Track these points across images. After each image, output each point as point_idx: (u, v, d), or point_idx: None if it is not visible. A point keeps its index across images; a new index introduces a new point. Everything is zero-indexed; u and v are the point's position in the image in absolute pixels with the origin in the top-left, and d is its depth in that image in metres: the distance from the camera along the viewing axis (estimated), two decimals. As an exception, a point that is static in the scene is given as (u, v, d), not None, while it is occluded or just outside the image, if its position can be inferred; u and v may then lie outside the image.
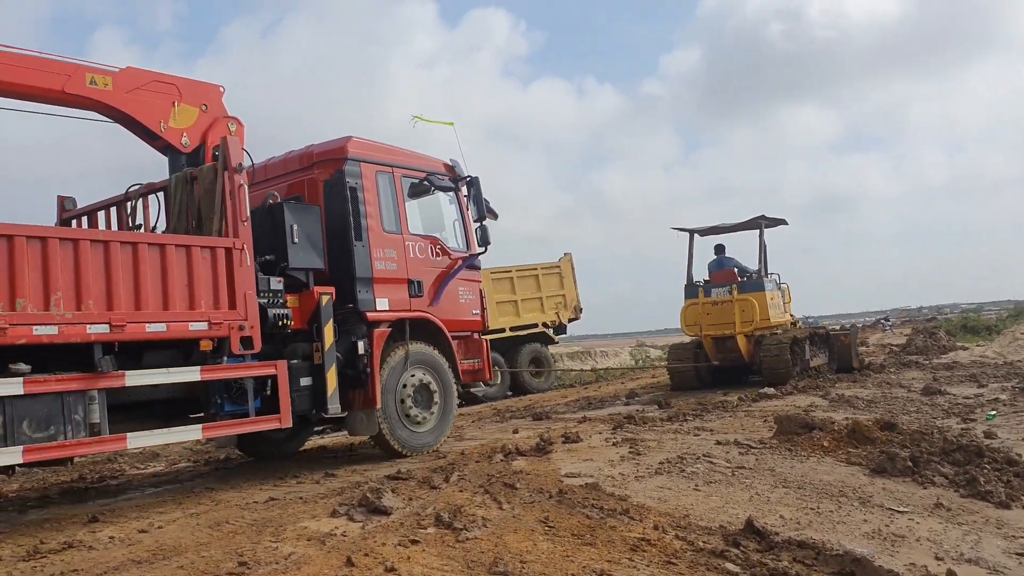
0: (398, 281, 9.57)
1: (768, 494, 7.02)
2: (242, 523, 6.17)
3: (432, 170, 10.33)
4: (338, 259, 9.12)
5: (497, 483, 6.99)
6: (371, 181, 9.50)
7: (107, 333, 6.84)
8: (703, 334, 17.13)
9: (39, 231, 6.64)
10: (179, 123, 8.58)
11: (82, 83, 7.84)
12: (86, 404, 6.70)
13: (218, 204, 8.05)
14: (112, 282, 6.90)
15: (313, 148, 9.69)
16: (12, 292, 6.33)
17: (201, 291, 7.54)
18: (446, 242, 10.36)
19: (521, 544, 5.45)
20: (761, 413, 11.79)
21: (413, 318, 9.59)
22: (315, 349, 8.66)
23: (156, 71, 8.53)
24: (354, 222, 9.19)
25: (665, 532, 5.82)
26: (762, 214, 17.60)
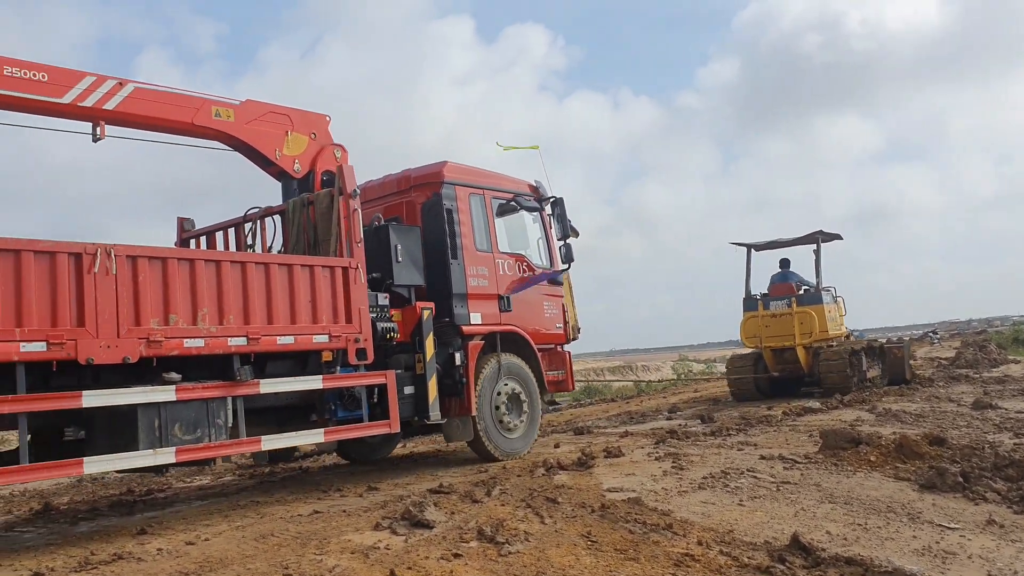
0: (489, 297, 10.20)
1: (814, 509, 6.91)
2: (287, 536, 6.23)
3: (518, 191, 10.97)
4: (436, 276, 9.76)
5: (539, 497, 6.98)
6: (465, 203, 10.15)
7: (245, 345, 7.46)
8: (763, 345, 17.65)
9: (188, 253, 7.46)
10: (291, 151, 9.30)
11: (208, 115, 8.60)
12: (227, 409, 7.34)
13: (334, 227, 8.69)
14: (248, 299, 7.55)
15: (410, 172, 10.39)
16: (166, 308, 6.96)
17: (322, 307, 8.15)
18: (531, 259, 10.99)
19: (564, 559, 5.43)
20: (806, 427, 11.63)
21: (503, 331, 10.19)
22: (417, 360, 9.21)
23: (271, 103, 9.22)
24: (450, 242, 9.85)
25: (709, 547, 5.76)
26: (820, 229, 18.06)
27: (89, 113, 7.93)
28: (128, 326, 6.70)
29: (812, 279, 18.22)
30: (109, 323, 6.58)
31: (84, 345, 6.42)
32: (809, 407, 14.32)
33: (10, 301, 6.10)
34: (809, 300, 17.61)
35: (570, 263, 11.08)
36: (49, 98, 7.63)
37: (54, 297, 6.33)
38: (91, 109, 7.88)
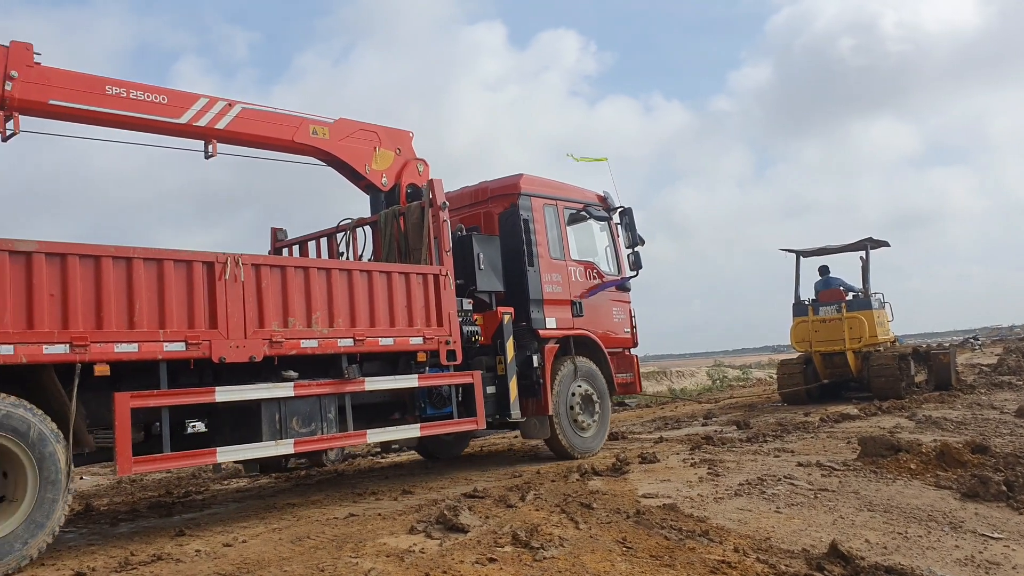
0: (563, 302, 10.80)
1: (853, 517, 6.83)
2: (323, 538, 6.28)
3: (588, 201, 11.56)
4: (513, 283, 10.34)
5: (573, 502, 6.97)
6: (540, 213, 10.77)
7: (352, 346, 8.15)
8: (812, 350, 18.13)
9: (303, 262, 8.23)
10: (379, 165, 10.00)
11: (307, 133, 9.31)
12: (336, 405, 8.07)
13: (425, 237, 9.37)
14: (354, 303, 8.22)
15: (487, 184, 11.08)
16: (285, 312, 7.63)
17: (417, 311, 8.83)
18: (600, 266, 11.60)
19: (599, 564, 5.41)
20: (844, 434, 11.51)
21: (576, 335, 10.80)
22: (498, 362, 9.86)
23: (361, 121, 9.91)
24: (527, 250, 10.45)
25: (746, 555, 5.71)
26: (869, 236, 18.53)
27: (202, 132, 8.58)
28: (254, 328, 7.39)
29: (853, 284, 18.64)
30: (238, 325, 7.27)
31: (217, 345, 7.11)
32: (847, 413, 14.19)
33: (155, 305, 6.80)
34: (859, 305, 18.02)
35: (638, 270, 11.65)
36: (169, 119, 8.31)
37: (191, 302, 7.02)
38: (204, 128, 8.53)
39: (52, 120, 7.81)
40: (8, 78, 7.25)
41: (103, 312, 6.48)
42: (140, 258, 6.75)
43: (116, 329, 6.54)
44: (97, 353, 6.39)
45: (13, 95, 7.28)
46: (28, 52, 7.44)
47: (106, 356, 6.45)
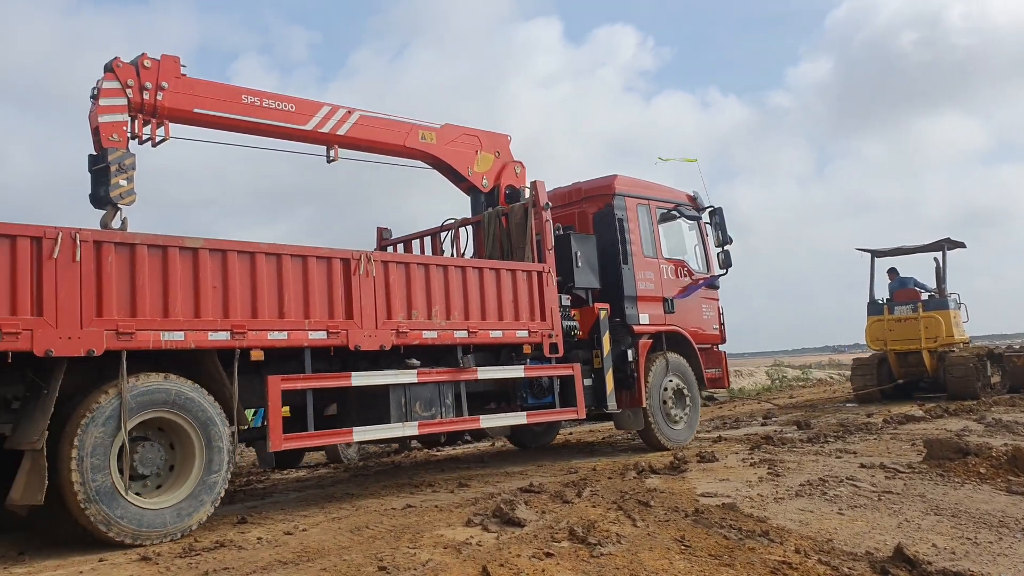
0: (655, 299, 11.22)
1: (918, 521, 6.67)
2: (381, 528, 6.34)
3: (679, 201, 11.96)
4: (608, 280, 10.75)
5: (631, 500, 6.93)
6: (633, 213, 11.20)
7: (466, 337, 8.79)
8: (887, 349, 18.44)
9: (424, 259, 8.77)
10: (480, 168, 10.59)
11: (417, 138, 9.92)
12: (453, 392, 8.71)
13: (529, 236, 9.91)
14: (468, 297, 8.84)
15: (581, 185, 11.52)
16: (408, 305, 8.28)
17: (522, 306, 9.41)
18: (689, 264, 12.00)
19: (657, 562, 5.37)
20: (908, 436, 11.27)
21: (668, 331, 11.23)
22: (595, 355, 10.31)
23: (464, 126, 10.50)
24: (621, 248, 10.88)
25: (807, 556, 5.61)
26: (947, 237, 18.76)
27: (325, 138, 9.22)
28: (383, 319, 8.03)
29: (927, 284, 18.91)
30: (370, 317, 7.94)
31: (353, 334, 7.78)
32: (911, 415, 13.92)
33: (300, 297, 7.47)
34: (936, 305, 18.29)
35: (728, 268, 12.02)
36: (296, 125, 8.97)
37: (331, 294, 7.69)
38: (327, 135, 9.17)
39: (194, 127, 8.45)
40: (160, 88, 7.95)
41: (257, 303, 7.17)
42: (288, 254, 7.43)
43: (268, 318, 7.23)
44: (253, 340, 7.10)
45: (164, 104, 7.97)
46: (176, 64, 8.13)
47: (261, 343, 7.16)
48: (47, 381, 6.15)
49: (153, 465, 6.62)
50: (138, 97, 7.81)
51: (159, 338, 6.59)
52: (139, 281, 6.54)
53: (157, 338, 6.58)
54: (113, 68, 7.73)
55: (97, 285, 6.35)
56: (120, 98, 7.74)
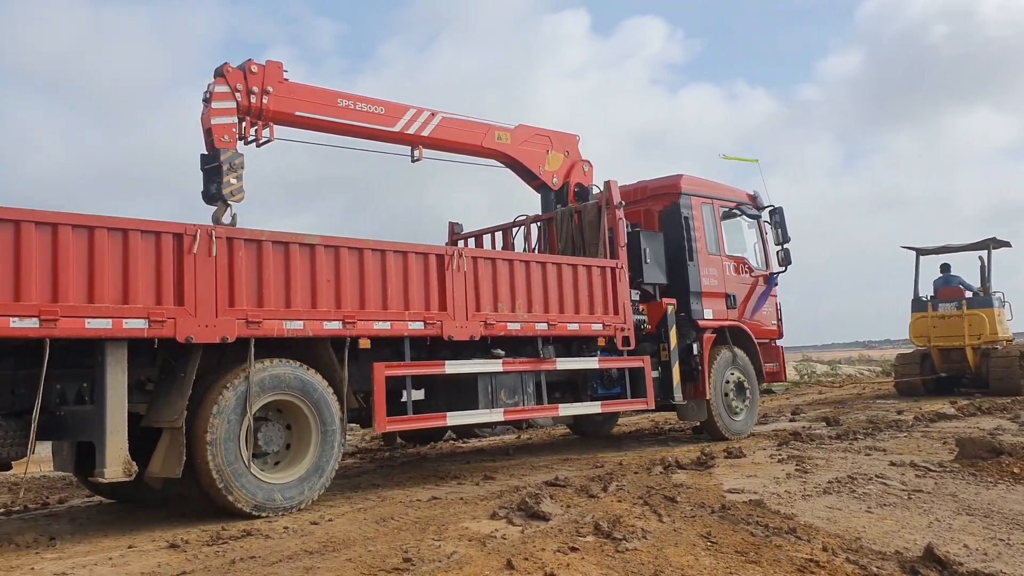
0: (718, 295, 11.67)
1: (949, 521, 6.58)
2: (406, 520, 6.36)
3: (740, 200, 12.40)
4: (674, 276, 11.21)
5: (657, 495, 6.89)
6: (698, 211, 11.61)
7: (546, 329, 9.25)
8: (931, 345, 18.86)
9: (509, 255, 9.47)
10: (551, 167, 11.16)
11: (493, 139, 10.49)
12: (534, 381, 9.24)
13: (602, 233, 10.37)
14: (547, 292, 9.33)
15: (647, 183, 11.94)
16: (495, 298, 8.81)
17: (597, 300, 9.86)
18: (749, 261, 12.42)
19: (682, 558, 5.34)
20: (940, 434, 11.12)
21: (731, 326, 11.67)
22: (661, 349, 10.79)
23: (536, 127, 11.06)
24: (687, 246, 11.31)
25: (835, 554, 5.55)
26: (993, 236, 19.20)
27: (411, 139, 9.77)
28: (472, 312, 8.56)
29: (972, 283, 19.30)
30: (461, 309, 8.48)
31: (447, 325, 8.33)
32: (942, 413, 13.75)
33: (401, 290, 8.04)
34: (980, 303, 18.72)
35: (787, 266, 12.48)
36: (385, 127, 9.53)
37: (427, 287, 8.24)
38: (413, 136, 9.73)
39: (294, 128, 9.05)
40: (265, 92, 8.51)
41: (365, 295, 7.75)
42: (391, 250, 8.01)
43: (374, 309, 7.81)
44: (361, 329, 7.69)
45: (268, 107, 8.54)
46: (279, 70, 8.69)
47: (368, 332, 7.75)
48: (183, 365, 6.76)
49: (274, 443, 7.23)
50: (246, 101, 8.37)
51: (282, 327, 7.18)
52: (265, 274, 7.14)
53: (280, 327, 7.17)
54: (224, 73, 8.27)
55: (229, 278, 6.93)
56: (230, 101, 8.28)
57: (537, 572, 4.93)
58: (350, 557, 5.17)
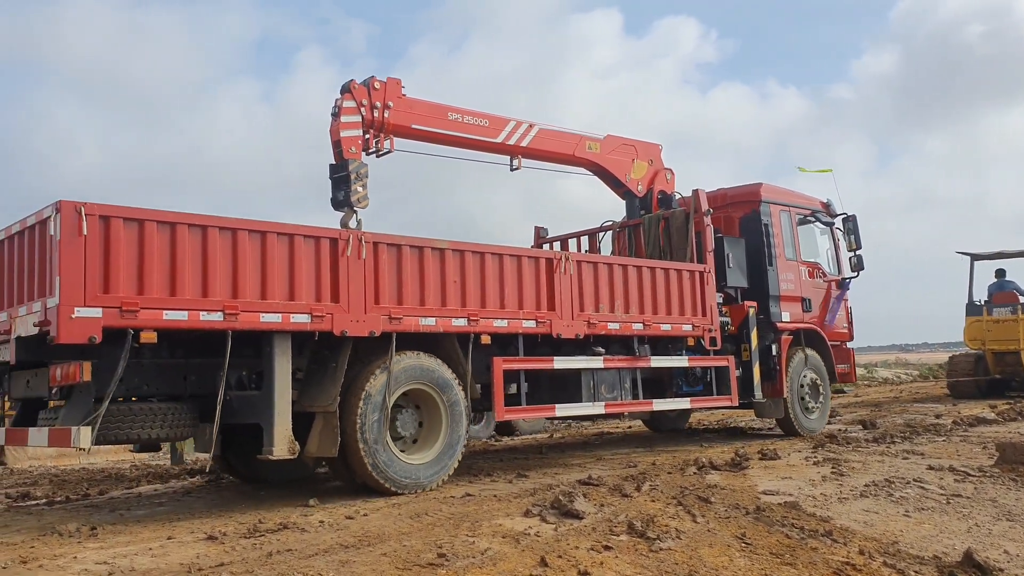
0: (795, 299, 12.22)
1: (989, 526, 6.49)
2: (440, 516, 6.39)
3: (814, 208, 12.94)
4: (753, 280, 11.72)
5: (691, 495, 6.87)
6: (776, 218, 12.16)
7: (642, 329, 9.89)
8: (985, 348, 19.36)
9: (609, 260, 10.01)
10: (636, 175, 11.79)
11: (584, 149, 11.17)
12: (631, 377, 9.88)
13: (690, 239, 11.01)
14: (642, 294, 9.93)
15: (726, 191, 12.45)
16: (596, 300, 9.45)
17: (687, 302, 10.47)
18: (823, 267, 12.91)
19: (717, 559, 5.32)
20: (979, 439, 10.98)
21: (806, 329, 12.24)
22: (743, 349, 11.34)
23: (622, 136, 11.70)
24: (767, 251, 11.87)
25: (872, 558, 5.50)
26: None
27: (511, 149, 10.46)
28: (577, 312, 9.20)
29: None
30: (568, 309, 9.12)
31: (555, 324, 8.98)
32: (982, 417, 13.60)
33: (516, 291, 8.72)
34: None
35: (860, 271, 13.00)
36: (489, 138, 10.23)
37: (538, 289, 8.93)
38: (513, 146, 10.41)
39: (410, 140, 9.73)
40: (386, 107, 9.21)
41: (485, 295, 8.45)
42: (508, 255, 8.71)
43: (493, 308, 8.50)
44: (484, 326, 8.39)
45: (389, 121, 9.25)
46: (398, 86, 9.39)
47: (488, 329, 8.43)
48: (335, 356, 7.50)
49: (408, 428, 7.99)
50: (370, 115, 9.10)
51: (418, 323, 7.90)
52: (404, 275, 7.86)
53: (416, 323, 7.89)
54: (351, 89, 9.02)
55: (375, 278, 7.67)
56: (356, 115, 9.02)
57: (571, 570, 4.94)
58: (385, 552, 5.22)
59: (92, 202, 6.21)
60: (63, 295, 6.05)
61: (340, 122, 8.91)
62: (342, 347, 7.49)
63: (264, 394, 7.06)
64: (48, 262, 6.20)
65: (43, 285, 6.29)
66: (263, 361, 7.13)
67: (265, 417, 6.99)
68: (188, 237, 6.62)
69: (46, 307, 6.17)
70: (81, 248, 6.13)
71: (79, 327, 6.08)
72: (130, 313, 6.30)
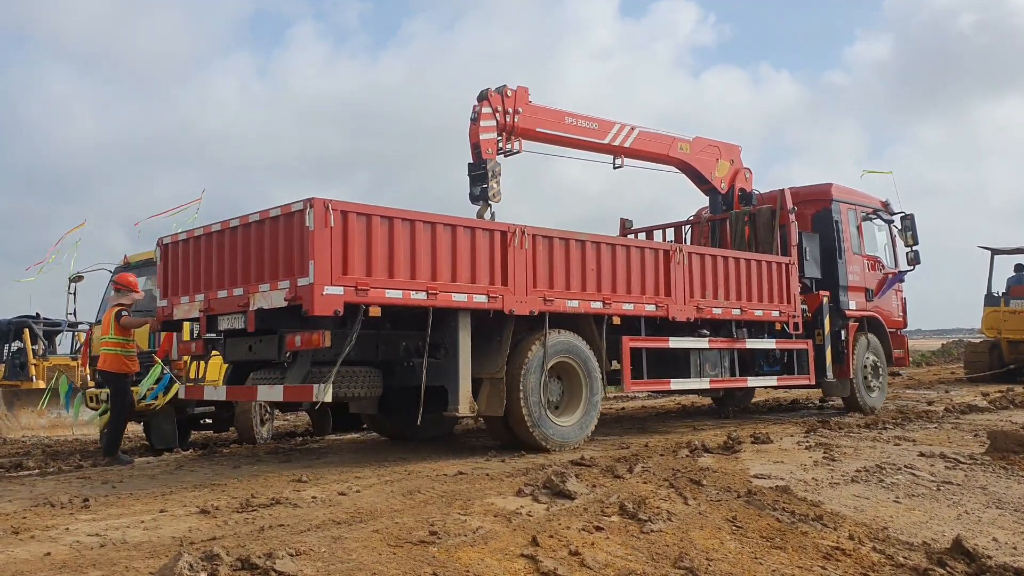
0: (860, 289, 13.46)
1: (979, 513, 6.53)
2: (433, 494, 6.39)
3: (875, 206, 14.21)
4: (825, 271, 12.95)
5: (682, 478, 6.89)
6: (844, 216, 13.39)
7: (740, 315, 11.16)
8: (1001, 336, 20.91)
9: (713, 251, 11.22)
10: (720, 173, 13.01)
11: (676, 149, 12.37)
12: (729, 357, 11.16)
13: (776, 234, 12.26)
14: (739, 282, 11.17)
15: (798, 189, 13.34)
16: (702, 287, 10.64)
17: (775, 291, 11.71)
18: (883, 260, 14.18)
19: (707, 541, 5.35)
20: (971, 427, 11.03)
21: (869, 316, 13.55)
22: (816, 334, 12.51)
23: (709, 138, 12.90)
24: (837, 246, 13.10)
25: (862, 543, 5.55)
26: None
27: (615, 150, 11.68)
28: (687, 298, 10.43)
29: None
30: (681, 295, 10.36)
31: (671, 308, 10.26)
32: (974, 405, 13.72)
33: (639, 279, 9.94)
34: None
35: (917, 265, 14.17)
36: (597, 140, 11.44)
37: (656, 277, 10.16)
38: (617, 147, 11.64)
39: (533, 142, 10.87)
40: (516, 113, 10.39)
41: (615, 281, 9.69)
42: (634, 246, 10.08)
43: (621, 293, 9.75)
44: (615, 309, 9.67)
45: (519, 125, 10.44)
46: (527, 94, 10.57)
47: (619, 312, 9.72)
48: (500, 331, 8.73)
49: (555, 395, 9.26)
50: (503, 120, 10.29)
51: (565, 304, 9.16)
52: (555, 263, 9.10)
53: (564, 304, 9.15)
54: (487, 97, 10.17)
55: (533, 265, 8.90)
56: (492, 120, 10.19)
57: (562, 550, 4.96)
58: (377, 528, 5.22)
59: (335, 200, 7.44)
60: (317, 275, 7.26)
61: (480, 126, 10.07)
62: (506, 324, 8.70)
63: (449, 362, 8.37)
64: (302, 248, 7.37)
65: (290, 266, 7.50)
66: (446, 334, 8.40)
67: (451, 381, 8.30)
68: (401, 229, 7.88)
69: (296, 285, 7.38)
70: (328, 237, 7.36)
71: (328, 302, 7.32)
72: (362, 291, 7.57)
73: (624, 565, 4.82)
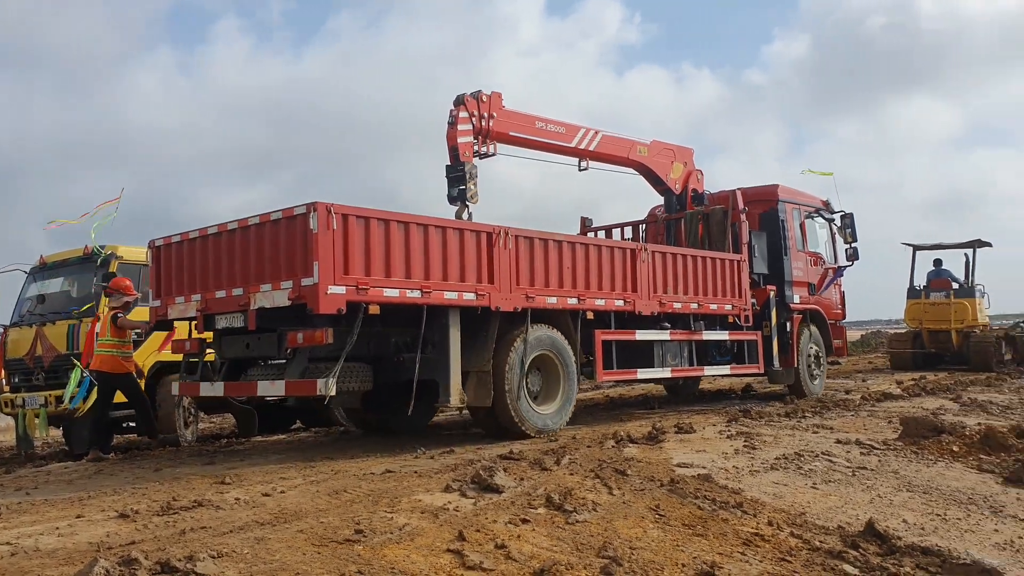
0: (803, 283, 14.34)
1: (891, 497, 6.78)
2: (359, 492, 6.34)
3: (817, 206, 15.15)
4: (771, 267, 13.74)
5: (608, 469, 6.98)
6: (789, 215, 14.26)
7: (697, 308, 11.90)
8: (922, 326, 22.32)
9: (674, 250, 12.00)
10: (674, 175, 13.75)
11: (636, 152, 13.07)
12: (688, 348, 11.89)
13: (728, 233, 13.06)
14: (696, 278, 11.91)
15: (746, 190, 13.95)
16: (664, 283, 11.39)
17: (728, 286, 12.51)
18: (823, 256, 15.09)
19: (631, 530, 5.44)
20: (885, 414, 11.40)
21: (811, 309, 14.43)
22: (764, 326, 13.32)
23: (665, 142, 13.63)
24: (783, 243, 13.93)
25: (780, 528, 5.70)
26: (978, 238, 22.72)
27: (581, 153, 12.31)
28: (651, 293, 11.15)
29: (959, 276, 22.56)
30: (646, 291, 11.06)
31: (638, 303, 10.94)
32: (889, 393, 14.11)
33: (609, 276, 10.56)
34: (964, 293, 22.12)
35: (855, 261, 15.21)
36: (565, 143, 12.03)
37: (624, 274, 10.80)
38: (583, 150, 12.27)
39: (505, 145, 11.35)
40: (491, 117, 10.88)
41: (589, 280, 10.28)
42: (604, 246, 10.73)
43: (595, 290, 10.34)
44: (588, 305, 10.28)
45: (493, 129, 10.93)
46: (500, 99, 11.06)
47: (592, 307, 10.34)
48: (486, 327, 9.22)
49: (536, 385, 9.80)
50: (479, 124, 10.77)
51: (545, 301, 9.71)
52: (535, 262, 9.65)
53: (544, 301, 9.70)
54: (464, 102, 10.63)
55: (516, 265, 9.41)
56: (468, 124, 10.66)
57: (488, 544, 4.98)
58: (301, 528, 5.16)
59: (336, 203, 7.75)
60: (321, 276, 7.61)
61: (457, 130, 10.51)
62: (492, 320, 9.20)
63: (440, 356, 8.78)
64: (305, 249, 7.70)
65: (293, 267, 7.82)
66: (437, 330, 8.78)
67: (442, 375, 8.73)
68: (397, 231, 8.26)
69: (300, 285, 7.71)
70: (331, 239, 7.71)
71: (332, 301, 7.69)
72: (363, 290, 7.95)
73: (549, 556, 4.88)
